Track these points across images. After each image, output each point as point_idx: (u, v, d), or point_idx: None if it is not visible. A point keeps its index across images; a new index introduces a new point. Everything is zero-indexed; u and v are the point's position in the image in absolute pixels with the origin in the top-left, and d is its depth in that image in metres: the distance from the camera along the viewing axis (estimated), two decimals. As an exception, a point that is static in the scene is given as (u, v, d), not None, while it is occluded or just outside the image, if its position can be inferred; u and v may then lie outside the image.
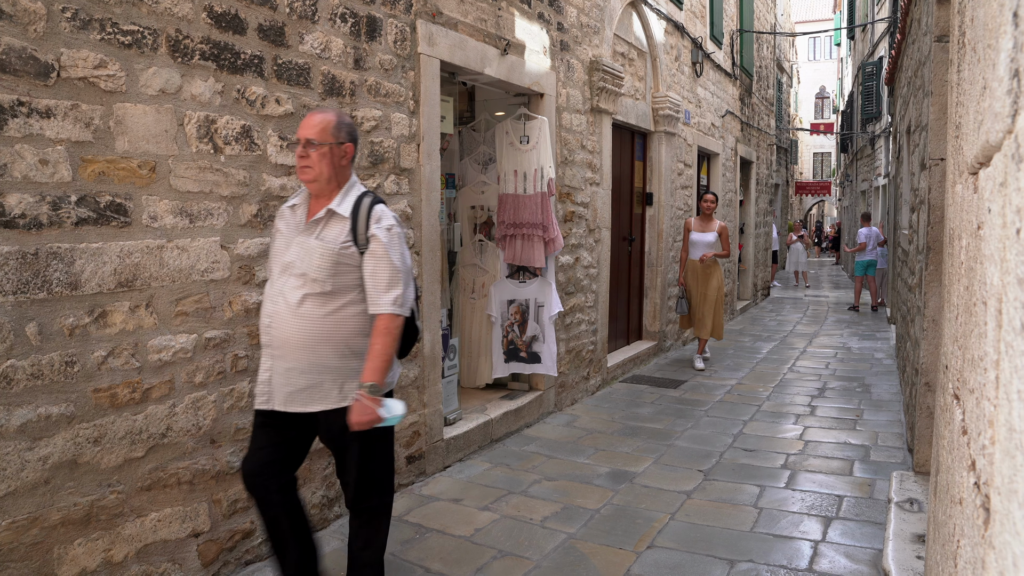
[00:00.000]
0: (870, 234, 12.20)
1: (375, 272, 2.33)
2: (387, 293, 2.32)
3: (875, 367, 7.33)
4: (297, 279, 2.32)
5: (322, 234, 2.35)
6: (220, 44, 2.79)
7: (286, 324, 2.31)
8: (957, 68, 1.40)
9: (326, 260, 2.31)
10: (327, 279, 2.31)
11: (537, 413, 5.26)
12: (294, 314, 2.31)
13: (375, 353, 2.31)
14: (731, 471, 4.21)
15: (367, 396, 2.27)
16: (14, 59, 2.15)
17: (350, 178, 2.46)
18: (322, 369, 2.35)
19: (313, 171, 2.35)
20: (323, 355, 2.33)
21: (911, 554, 2.80)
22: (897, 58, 7.11)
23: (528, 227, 4.89)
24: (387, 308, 2.32)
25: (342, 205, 2.37)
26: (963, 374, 1.11)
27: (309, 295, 2.31)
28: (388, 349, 2.32)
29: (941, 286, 3.48)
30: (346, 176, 2.44)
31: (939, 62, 3.58)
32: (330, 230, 2.35)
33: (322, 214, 2.36)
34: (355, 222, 2.34)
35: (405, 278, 2.38)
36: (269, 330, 2.36)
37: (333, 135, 2.36)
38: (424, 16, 3.89)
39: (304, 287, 2.31)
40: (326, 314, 2.32)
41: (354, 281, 2.36)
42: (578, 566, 3.04)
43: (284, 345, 2.32)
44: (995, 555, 0.73)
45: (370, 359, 2.31)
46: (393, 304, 2.32)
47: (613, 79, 6.00)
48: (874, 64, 14.83)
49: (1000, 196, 0.81)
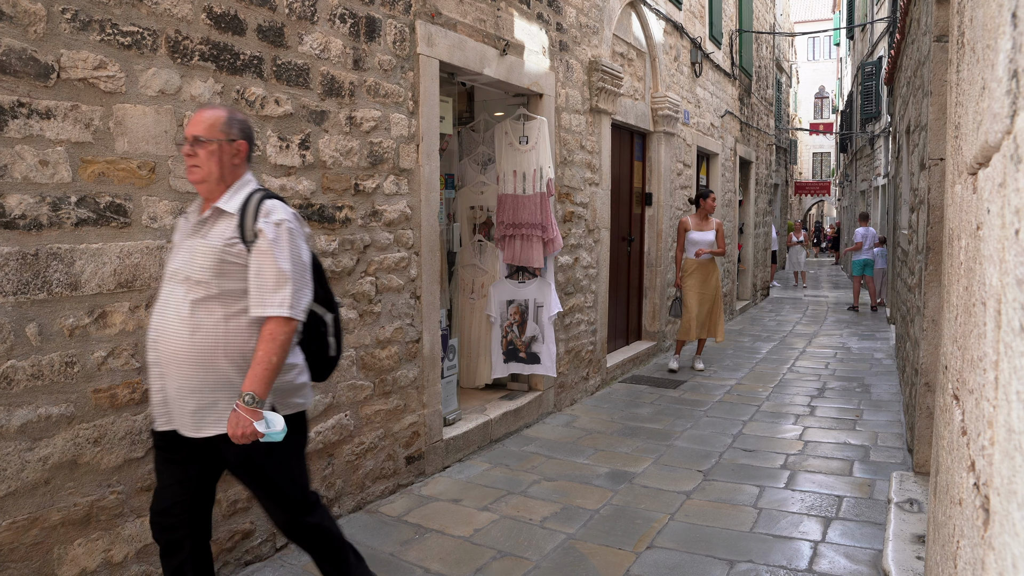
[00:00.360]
0: (866, 234, 12.20)
1: (260, 270, 2.10)
2: (273, 294, 2.08)
3: (875, 367, 7.33)
4: (182, 285, 2.10)
5: (207, 234, 2.14)
6: (219, 45, 2.79)
7: (174, 337, 2.07)
8: (956, 68, 1.40)
9: (208, 259, 2.09)
10: (212, 280, 2.08)
11: (536, 413, 5.26)
12: (182, 325, 2.07)
13: (257, 360, 2.05)
14: (730, 471, 4.21)
15: (243, 407, 2.02)
16: (14, 60, 2.15)
17: (243, 177, 2.24)
18: (216, 386, 2.09)
19: (202, 171, 2.15)
20: (217, 369, 2.09)
21: (911, 554, 2.81)
22: (896, 58, 7.11)
23: (527, 227, 4.89)
24: (273, 310, 2.08)
25: (230, 202, 2.16)
26: (962, 375, 1.11)
27: (198, 302, 2.08)
28: (273, 356, 2.06)
29: (940, 286, 3.49)
30: (238, 175, 2.22)
31: (938, 62, 3.58)
32: (216, 229, 2.14)
33: (208, 213, 2.16)
34: (243, 218, 2.13)
35: (297, 279, 2.13)
36: (156, 345, 2.11)
37: (223, 131, 2.17)
38: (423, 16, 3.89)
39: (190, 293, 2.09)
40: (217, 322, 2.09)
41: (245, 284, 2.14)
42: (577, 566, 3.04)
43: (172, 361, 2.08)
44: (995, 556, 0.73)
45: (252, 366, 2.06)
46: (280, 306, 2.08)
47: (612, 79, 6.01)
48: (873, 64, 14.84)
49: (999, 197, 0.81)
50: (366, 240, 3.56)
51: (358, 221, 3.51)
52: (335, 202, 3.37)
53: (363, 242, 3.54)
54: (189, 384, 2.08)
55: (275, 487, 2.24)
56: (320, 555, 2.35)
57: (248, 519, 2.98)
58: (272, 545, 3.10)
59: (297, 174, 3.16)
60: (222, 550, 2.87)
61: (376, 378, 3.66)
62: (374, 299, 3.62)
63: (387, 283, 3.71)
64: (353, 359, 3.51)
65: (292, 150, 3.13)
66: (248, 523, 2.98)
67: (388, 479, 3.77)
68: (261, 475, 2.21)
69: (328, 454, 3.37)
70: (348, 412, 3.49)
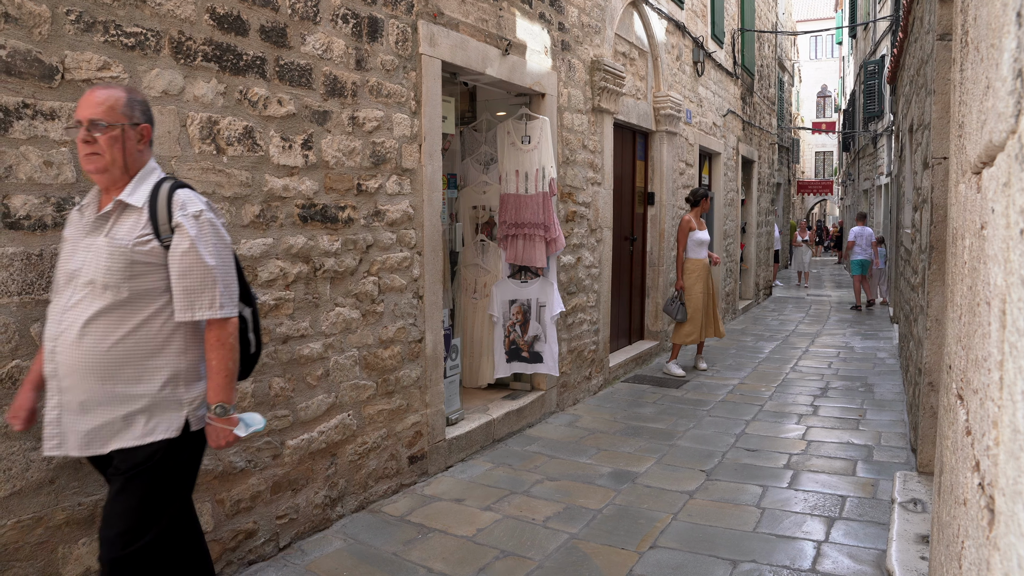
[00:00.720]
0: (860, 233, 12.25)
1: (185, 271, 1.94)
2: (202, 295, 1.95)
3: (878, 367, 7.32)
4: (85, 289, 1.90)
5: (112, 231, 1.93)
6: (222, 46, 2.79)
7: (75, 348, 1.89)
8: (960, 67, 1.40)
9: (117, 261, 1.90)
10: (121, 284, 1.90)
11: (539, 413, 5.26)
12: (85, 334, 1.88)
13: (213, 370, 1.98)
14: (733, 471, 4.21)
15: (218, 420, 1.99)
16: (19, 61, 2.16)
17: (147, 164, 2.04)
18: (126, 398, 1.92)
19: (103, 159, 1.92)
20: (126, 380, 1.92)
21: (915, 555, 2.80)
22: (899, 56, 7.10)
23: (530, 227, 4.89)
24: (206, 313, 1.96)
25: (135, 194, 1.96)
26: (967, 374, 1.11)
27: (105, 309, 1.89)
28: (228, 361, 1.99)
29: (944, 286, 3.48)
30: (142, 162, 2.02)
31: (942, 60, 3.57)
32: (122, 225, 1.94)
33: (111, 207, 1.95)
34: (154, 212, 1.94)
35: (223, 274, 2.01)
36: (54, 356, 1.91)
37: (125, 114, 1.95)
38: (425, 17, 3.89)
39: (95, 299, 1.89)
40: (128, 331, 1.92)
41: (160, 284, 1.96)
42: (580, 566, 3.04)
43: (74, 373, 1.89)
44: (1000, 556, 0.73)
45: (210, 378, 2.00)
46: (212, 307, 1.96)
47: (614, 79, 6.00)
48: (876, 63, 14.81)
49: (1004, 196, 0.81)
50: (369, 240, 3.56)
51: (361, 221, 3.51)
52: (338, 202, 3.37)
53: (366, 242, 3.54)
54: (96, 398, 1.91)
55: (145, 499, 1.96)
56: None
57: (251, 519, 2.98)
58: (275, 545, 3.11)
59: (300, 174, 3.16)
60: (225, 549, 2.88)
61: (379, 378, 3.66)
62: (377, 299, 3.63)
63: (390, 283, 3.71)
64: (356, 359, 3.51)
65: (295, 150, 3.13)
66: (251, 523, 2.98)
67: (391, 479, 3.78)
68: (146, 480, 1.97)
69: (331, 454, 3.38)
70: (351, 412, 3.49)
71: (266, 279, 3.01)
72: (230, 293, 2.02)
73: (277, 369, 3.08)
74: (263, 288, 3.00)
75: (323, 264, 3.29)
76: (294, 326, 3.15)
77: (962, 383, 1.18)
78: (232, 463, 2.88)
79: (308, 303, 3.22)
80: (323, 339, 3.30)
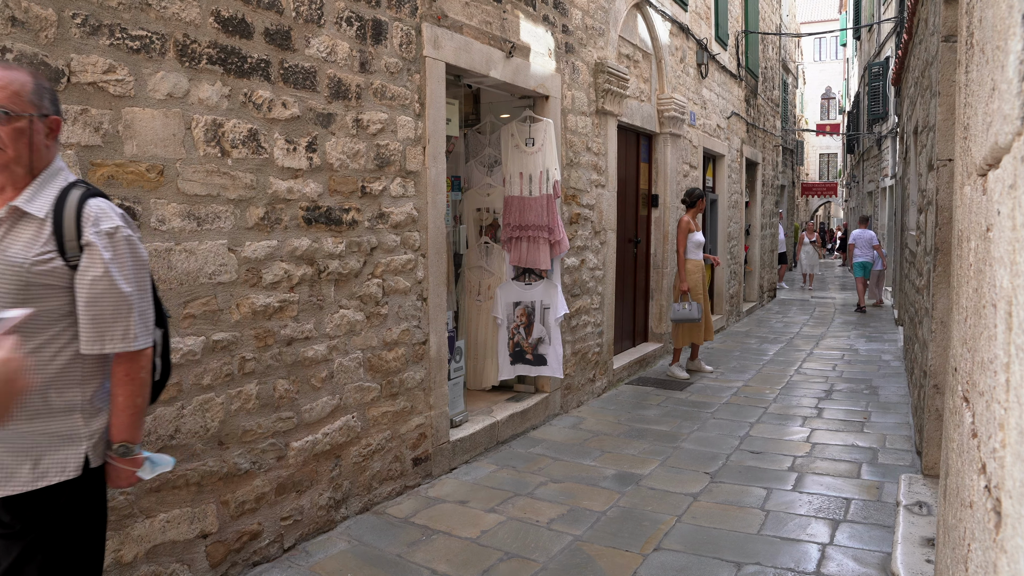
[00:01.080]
0: (860, 235, 12.30)
1: (94, 298, 1.64)
2: (113, 325, 1.66)
3: (883, 369, 7.30)
4: None
5: (4, 244, 1.60)
6: (227, 48, 2.80)
7: None
8: (965, 69, 1.39)
9: (12, 283, 1.58)
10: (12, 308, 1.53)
11: (543, 415, 5.26)
12: None
13: (120, 407, 1.71)
14: (738, 473, 4.20)
15: (121, 460, 1.73)
16: (25, 65, 2.17)
17: (52, 163, 1.71)
18: (8, 437, 1.60)
19: (5, 154, 1.60)
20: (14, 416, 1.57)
21: (920, 558, 2.79)
22: (904, 58, 7.08)
23: (534, 229, 4.89)
24: (118, 346, 1.67)
25: (35, 201, 1.63)
26: (972, 377, 1.11)
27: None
28: (136, 398, 1.73)
29: (949, 288, 3.47)
30: (46, 160, 1.69)
31: (947, 62, 3.57)
32: (17, 238, 1.61)
33: (3, 213, 1.61)
34: (59, 225, 1.63)
35: (139, 300, 1.72)
36: None
37: (33, 103, 1.63)
38: (429, 19, 3.90)
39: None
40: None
41: (61, 308, 1.65)
42: (584, 568, 3.04)
43: None
44: (1007, 559, 0.72)
45: (115, 415, 1.72)
46: (124, 339, 1.67)
47: (618, 81, 6.01)
48: (880, 64, 14.79)
49: (1010, 198, 0.80)
50: (373, 242, 3.57)
51: (365, 223, 3.52)
52: (342, 204, 3.38)
53: (370, 244, 3.55)
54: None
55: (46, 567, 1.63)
56: None
57: (256, 520, 2.99)
58: (280, 546, 3.11)
59: (304, 176, 3.17)
60: (230, 551, 2.88)
61: (383, 380, 3.67)
62: (381, 301, 3.63)
63: (394, 285, 3.72)
64: (360, 361, 3.52)
65: (299, 152, 3.14)
66: (256, 524, 2.99)
67: (395, 480, 3.78)
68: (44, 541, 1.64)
69: (335, 455, 3.38)
70: (355, 414, 3.50)
71: (271, 281, 3.02)
72: (145, 322, 1.74)
73: (282, 371, 3.08)
74: (267, 290, 3.01)
75: (327, 266, 3.30)
76: (298, 328, 3.15)
77: (968, 385, 1.18)
78: (237, 464, 2.89)
79: (312, 305, 3.23)
80: (327, 341, 3.31)
